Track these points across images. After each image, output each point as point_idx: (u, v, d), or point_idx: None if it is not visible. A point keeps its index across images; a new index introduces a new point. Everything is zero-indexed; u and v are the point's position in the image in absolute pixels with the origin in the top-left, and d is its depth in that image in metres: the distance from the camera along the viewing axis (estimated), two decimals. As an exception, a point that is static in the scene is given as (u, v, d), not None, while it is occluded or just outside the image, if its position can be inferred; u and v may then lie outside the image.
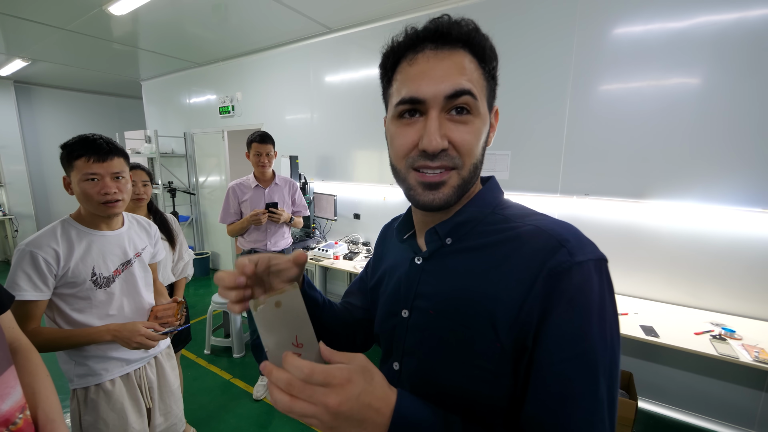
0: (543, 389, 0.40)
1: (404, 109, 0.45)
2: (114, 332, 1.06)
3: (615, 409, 0.40)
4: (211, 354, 2.75)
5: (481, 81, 0.45)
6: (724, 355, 1.46)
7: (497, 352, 0.43)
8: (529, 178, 2.32)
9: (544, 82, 2.18)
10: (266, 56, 3.53)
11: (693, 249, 1.90)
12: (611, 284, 0.42)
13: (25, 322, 0.97)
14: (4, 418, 0.60)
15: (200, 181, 4.67)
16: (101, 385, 1.10)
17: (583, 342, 0.39)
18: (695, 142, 1.83)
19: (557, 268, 0.40)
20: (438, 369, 0.48)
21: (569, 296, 0.39)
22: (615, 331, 0.41)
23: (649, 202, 1.96)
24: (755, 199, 1.72)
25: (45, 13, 2.69)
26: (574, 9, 2.03)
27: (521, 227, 0.46)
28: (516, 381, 0.43)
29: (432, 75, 0.43)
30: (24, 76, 4.66)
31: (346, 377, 0.35)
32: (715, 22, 1.71)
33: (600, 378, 0.39)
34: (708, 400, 1.95)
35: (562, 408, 0.39)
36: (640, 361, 2.10)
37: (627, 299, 2.05)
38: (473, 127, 0.44)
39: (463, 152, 0.44)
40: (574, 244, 0.41)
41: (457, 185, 0.46)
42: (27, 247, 0.98)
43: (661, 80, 1.87)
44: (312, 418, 0.35)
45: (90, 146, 1.02)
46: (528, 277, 0.41)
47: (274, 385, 0.36)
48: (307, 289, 0.57)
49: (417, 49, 0.45)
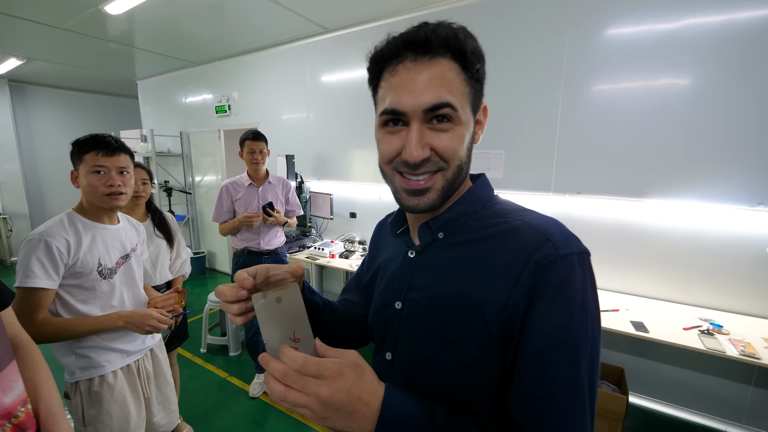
0: (526, 375, 0.43)
1: (388, 119, 0.47)
2: (126, 318, 1.10)
3: (595, 397, 0.43)
4: (207, 352, 2.76)
5: (462, 87, 0.45)
6: (712, 349, 1.50)
7: (485, 341, 0.45)
8: (523, 176, 2.35)
9: (537, 81, 2.21)
10: (263, 56, 3.53)
11: (685, 246, 1.94)
12: (593, 276, 0.45)
13: (35, 311, 0.99)
14: (6, 412, 0.62)
15: (196, 181, 4.66)
16: (104, 377, 1.12)
17: (565, 330, 0.41)
18: (687, 141, 1.86)
19: (542, 261, 0.42)
20: (429, 358, 0.50)
21: (553, 287, 0.42)
22: (596, 321, 0.44)
23: (641, 200, 2.00)
24: (746, 196, 1.76)
25: (40, 11, 2.67)
26: (566, 9, 2.06)
27: (510, 222, 0.48)
28: (503, 368, 0.45)
29: (412, 87, 0.44)
30: (18, 75, 4.62)
31: (337, 370, 0.38)
32: (703, 23, 1.75)
33: (581, 365, 0.41)
34: (697, 394, 1.99)
35: (544, 392, 0.41)
36: (631, 356, 2.14)
37: (618, 296, 2.08)
38: (455, 133, 0.46)
39: (446, 157, 0.46)
40: (558, 238, 0.44)
41: (441, 187, 0.48)
42: (41, 236, 1.00)
43: (651, 81, 1.90)
44: (304, 407, 0.37)
45: (100, 142, 1.09)
46: (515, 270, 0.44)
47: (271, 375, 0.38)
48: (308, 294, 0.59)
49: (398, 59, 0.45)
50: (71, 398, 1.10)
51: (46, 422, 0.67)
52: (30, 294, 0.98)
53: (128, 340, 1.18)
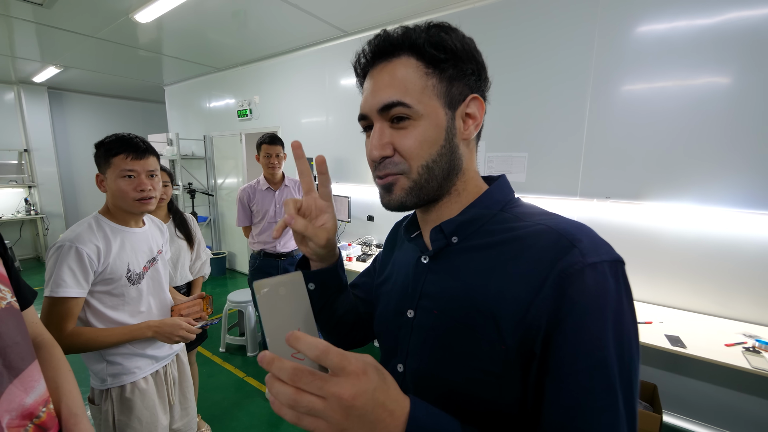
0: (557, 402, 0.38)
1: (363, 125, 0.50)
2: (155, 328, 1.08)
3: (635, 422, 0.38)
4: (226, 352, 2.80)
5: (422, 82, 0.45)
6: (759, 368, 1.38)
7: (501, 355, 0.41)
8: (547, 180, 2.26)
9: (563, 81, 2.12)
10: (283, 60, 3.59)
11: (722, 255, 1.81)
12: (629, 288, 0.40)
13: (65, 321, 0.97)
14: (28, 412, 0.62)
15: (218, 183, 4.79)
16: (136, 384, 1.11)
17: (599, 351, 0.37)
18: (724, 143, 1.74)
19: (569, 270, 0.38)
20: (440, 371, 0.46)
21: (583, 301, 0.37)
22: (634, 339, 0.39)
23: (674, 205, 1.88)
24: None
25: (77, 22, 2.82)
26: (595, 6, 1.98)
27: (531, 226, 0.44)
28: (525, 388, 0.41)
29: (372, 90, 0.47)
30: (56, 83, 4.91)
31: (361, 368, 0.32)
32: (746, 17, 1.63)
33: (618, 389, 0.36)
34: (738, 416, 1.84)
35: (578, 422, 0.37)
36: (665, 372, 2.00)
37: (650, 307, 1.96)
38: (414, 131, 0.45)
39: (407, 156, 0.46)
40: (586, 245, 0.39)
41: (408, 187, 0.47)
42: (72, 243, 0.97)
43: (687, 80, 1.79)
44: (319, 417, 0.31)
45: (128, 144, 1.05)
46: (537, 277, 0.40)
47: (275, 377, 0.32)
48: (338, 268, 0.59)
49: (371, 66, 0.49)
50: (99, 404, 1.09)
51: (68, 422, 0.67)
52: (60, 303, 0.96)
53: (158, 346, 1.17)
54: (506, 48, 2.27)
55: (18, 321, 0.65)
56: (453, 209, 0.50)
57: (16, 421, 0.60)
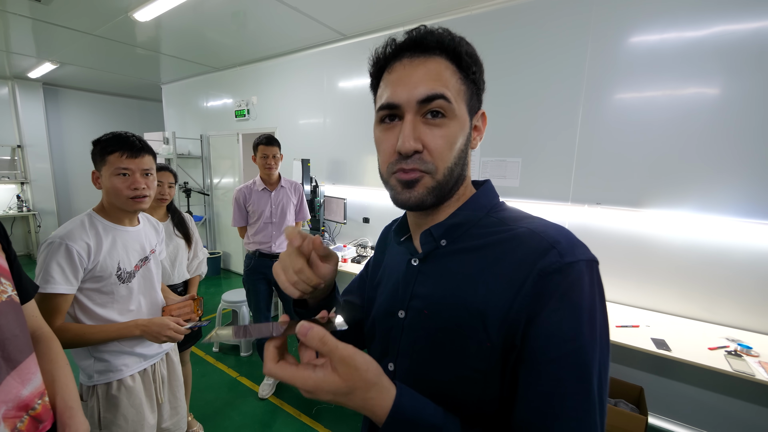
0: (533, 389, 0.41)
1: (384, 114, 0.48)
2: (143, 327, 1.08)
3: (605, 413, 0.40)
4: (219, 352, 2.80)
5: (458, 85, 0.47)
6: (739, 371, 1.42)
7: (486, 353, 0.43)
8: (540, 185, 2.30)
9: (557, 89, 2.17)
10: (282, 62, 3.61)
11: (709, 262, 1.85)
12: (602, 286, 0.43)
13: (53, 317, 0.97)
14: (24, 403, 0.63)
15: (214, 183, 4.78)
16: (123, 381, 1.11)
17: (573, 341, 0.39)
18: (713, 151, 1.79)
19: (547, 269, 0.41)
20: (430, 369, 0.48)
21: (559, 295, 0.40)
22: (605, 333, 0.42)
23: (664, 212, 1.92)
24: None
25: (75, 19, 2.82)
26: (588, 17, 2.03)
27: (514, 230, 0.47)
28: (503, 381, 0.44)
29: (407, 81, 0.45)
30: (52, 79, 4.87)
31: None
32: (732, 31, 1.69)
33: (592, 379, 0.39)
34: (722, 418, 1.88)
35: (553, 409, 0.39)
36: (650, 375, 2.04)
37: (638, 311, 2.00)
38: (448, 130, 0.46)
39: (435, 156, 0.46)
40: (564, 246, 0.42)
41: (431, 187, 0.47)
42: (62, 240, 0.98)
43: (676, 89, 1.84)
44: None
45: (124, 142, 1.05)
46: (519, 278, 0.42)
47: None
48: (337, 295, 0.62)
49: (396, 58, 0.48)
50: (86, 400, 1.09)
51: (63, 415, 0.68)
52: (49, 299, 0.96)
53: (147, 344, 1.16)
54: (503, 55, 2.31)
55: (17, 314, 0.67)
56: (448, 213, 0.52)
57: (12, 412, 0.61)
